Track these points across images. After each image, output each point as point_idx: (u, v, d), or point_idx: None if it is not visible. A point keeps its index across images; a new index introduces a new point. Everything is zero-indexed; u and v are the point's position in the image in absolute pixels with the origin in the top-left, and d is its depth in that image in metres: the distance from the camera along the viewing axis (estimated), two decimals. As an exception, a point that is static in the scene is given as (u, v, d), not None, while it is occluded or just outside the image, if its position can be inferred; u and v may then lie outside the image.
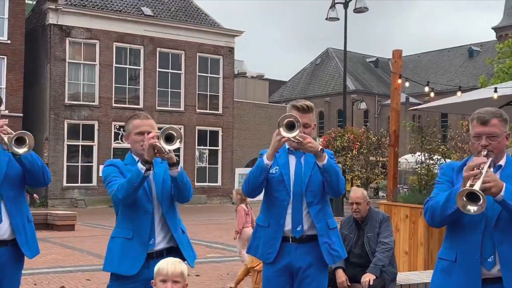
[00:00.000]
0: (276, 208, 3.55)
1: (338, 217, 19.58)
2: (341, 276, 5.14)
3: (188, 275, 2.98)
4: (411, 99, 48.04)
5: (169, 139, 3.18)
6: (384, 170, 22.69)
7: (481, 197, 2.57)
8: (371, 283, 4.92)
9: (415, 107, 9.74)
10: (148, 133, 3.36)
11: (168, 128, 3.21)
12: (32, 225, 3.59)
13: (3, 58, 24.28)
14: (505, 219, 2.76)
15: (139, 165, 3.20)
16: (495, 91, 7.53)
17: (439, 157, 11.79)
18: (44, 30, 26.02)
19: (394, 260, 5.29)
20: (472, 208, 2.60)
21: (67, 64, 25.85)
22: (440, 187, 2.97)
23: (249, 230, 7.82)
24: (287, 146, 3.59)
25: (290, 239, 3.54)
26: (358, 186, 21.59)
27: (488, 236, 2.79)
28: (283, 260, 3.55)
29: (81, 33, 26.16)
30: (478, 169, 2.70)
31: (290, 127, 3.28)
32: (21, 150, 3.22)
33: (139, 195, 3.30)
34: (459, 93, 8.33)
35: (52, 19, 25.50)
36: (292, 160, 3.59)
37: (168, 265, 2.91)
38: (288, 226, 3.53)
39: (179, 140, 3.20)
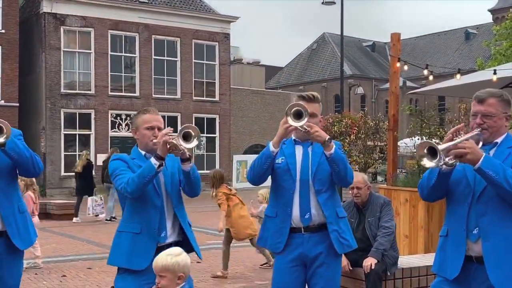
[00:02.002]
0: (283, 197, 3.54)
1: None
2: (342, 260, 5.13)
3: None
4: (408, 83, 47.97)
5: (186, 137, 3.19)
6: (382, 155, 22.67)
7: (438, 154, 2.69)
8: (372, 267, 4.93)
9: (414, 91, 9.71)
10: (159, 128, 3.38)
11: (186, 126, 3.22)
12: (24, 216, 3.54)
13: (-2, 47, 24.13)
14: (489, 192, 2.83)
15: (153, 160, 3.20)
16: (494, 73, 7.50)
17: (437, 141, 11.73)
18: (38, 19, 25.83)
19: (396, 244, 5.29)
20: (427, 162, 2.74)
21: (62, 53, 25.69)
22: None
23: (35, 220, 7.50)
24: (293, 137, 3.58)
25: (302, 230, 3.52)
26: (356, 171, 21.62)
27: (473, 208, 2.88)
28: (295, 250, 3.53)
29: (75, 21, 25.97)
30: (457, 134, 2.83)
31: (298, 115, 3.26)
32: None
33: (148, 189, 3.30)
34: (458, 76, 8.31)
35: (46, 7, 25.30)
36: (299, 150, 3.58)
37: (157, 259, 2.99)
38: (295, 214, 3.51)
39: (196, 138, 3.20)
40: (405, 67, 8.59)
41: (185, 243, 3.47)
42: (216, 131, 29.78)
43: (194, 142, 3.19)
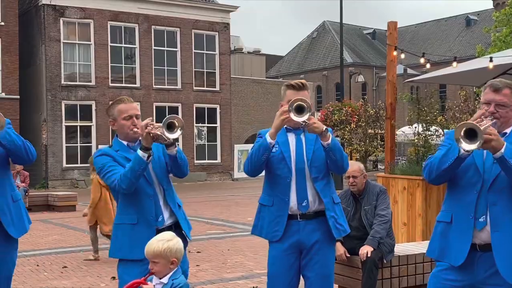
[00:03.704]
0: (279, 186, 3.56)
1: (337, 190, 19.74)
2: (339, 248, 5.19)
3: (189, 251, 3.04)
4: (409, 70, 47.89)
5: (170, 127, 3.22)
6: (383, 143, 22.70)
7: (479, 137, 2.60)
8: (369, 255, 4.98)
9: (411, 79, 9.71)
10: (136, 116, 3.40)
11: (170, 117, 3.24)
12: (18, 204, 3.55)
13: (-3, 40, 24.13)
14: (502, 181, 2.84)
15: (140, 152, 3.22)
16: (491, 60, 7.51)
17: (436, 128, 11.76)
18: (38, 10, 25.79)
19: (392, 232, 5.33)
20: (466, 145, 2.66)
21: (62, 45, 25.69)
22: (443, 148, 3.04)
23: None
24: (285, 126, 3.60)
25: (298, 216, 3.55)
26: (356, 159, 21.66)
27: (483, 196, 2.87)
28: (291, 238, 3.56)
29: (74, 12, 25.94)
30: (481, 119, 2.81)
31: (300, 110, 3.29)
32: None
33: None
34: (454, 64, 8.31)
35: (45, -1, 25.28)
36: (292, 138, 3.60)
37: (148, 245, 3.03)
38: (293, 202, 3.55)
39: (180, 128, 3.23)
40: (402, 55, 8.59)
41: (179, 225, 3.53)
42: (217, 121, 29.81)
43: (178, 132, 3.22)
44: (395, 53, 8.13)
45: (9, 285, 3.52)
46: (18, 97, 24.39)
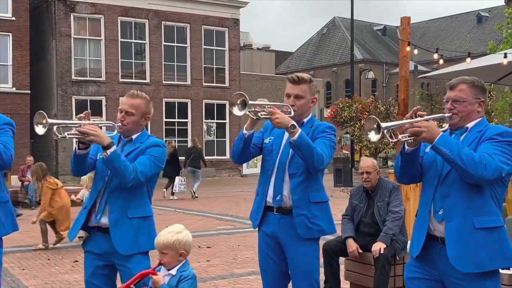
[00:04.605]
0: (263, 177, 3.68)
1: (347, 187, 19.64)
2: (352, 245, 5.17)
3: (199, 246, 3.04)
4: (420, 67, 47.67)
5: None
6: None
7: (381, 131, 2.83)
8: (381, 252, 4.95)
9: (423, 75, 9.65)
10: (126, 112, 3.47)
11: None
12: (5, 206, 3.55)
13: (9, 35, 24.21)
14: (453, 175, 2.91)
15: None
16: (505, 56, 7.43)
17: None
18: (49, 6, 25.87)
19: (405, 228, 5.30)
20: (371, 135, 2.87)
21: (72, 40, 25.76)
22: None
23: None
24: None
25: (274, 210, 3.60)
26: (366, 156, 21.57)
27: (439, 190, 2.97)
28: (267, 228, 3.66)
29: (85, 8, 25.99)
30: (415, 116, 2.92)
31: (243, 104, 3.28)
32: None
33: (96, 171, 3.52)
34: (468, 60, 8.24)
35: (55, -6, 25.34)
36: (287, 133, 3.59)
37: (158, 237, 3.10)
38: (269, 195, 3.61)
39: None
40: (415, 51, 8.53)
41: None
42: (226, 117, 29.80)
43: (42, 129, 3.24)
44: (408, 48, 8.07)
45: None
46: (29, 92, 24.48)
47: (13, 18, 24.27)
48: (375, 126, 2.86)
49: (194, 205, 15.08)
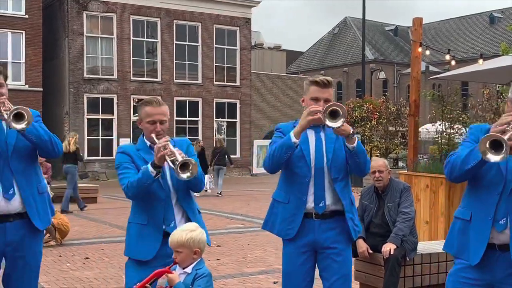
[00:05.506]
0: (297, 184, 3.50)
1: (357, 188, 19.49)
2: (362, 245, 5.17)
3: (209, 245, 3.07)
4: (431, 68, 47.41)
5: (183, 165, 3.19)
6: (403, 140, 22.54)
7: (505, 146, 2.55)
8: (391, 253, 4.94)
9: (435, 76, 9.61)
10: (161, 122, 3.41)
11: (185, 158, 3.23)
12: (43, 196, 3.58)
13: (22, 33, 24.39)
14: None
15: (150, 168, 3.21)
16: (518, 58, 7.39)
17: (459, 127, 11.64)
18: (61, 4, 26.03)
19: (415, 229, 5.29)
20: (492, 157, 2.60)
21: (85, 38, 25.90)
22: (466, 144, 2.98)
23: None
24: None
25: (313, 215, 3.50)
26: (377, 156, 21.52)
27: (504, 199, 2.82)
28: (306, 236, 3.51)
29: (97, 6, 26.13)
30: (508, 125, 2.69)
31: (334, 115, 3.21)
32: (19, 126, 3.18)
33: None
34: (480, 61, 8.21)
35: (68, -7, 25.49)
36: (312, 135, 3.53)
37: (172, 235, 3.10)
38: (310, 202, 3.49)
39: (192, 167, 3.21)
40: (427, 52, 8.51)
41: None
42: (237, 116, 29.84)
43: (190, 165, 3.21)
44: (420, 49, 8.05)
45: (38, 274, 3.57)
46: (41, 89, 24.65)
47: (26, 16, 24.45)
48: (487, 146, 2.60)
49: (204, 203, 15.12)
